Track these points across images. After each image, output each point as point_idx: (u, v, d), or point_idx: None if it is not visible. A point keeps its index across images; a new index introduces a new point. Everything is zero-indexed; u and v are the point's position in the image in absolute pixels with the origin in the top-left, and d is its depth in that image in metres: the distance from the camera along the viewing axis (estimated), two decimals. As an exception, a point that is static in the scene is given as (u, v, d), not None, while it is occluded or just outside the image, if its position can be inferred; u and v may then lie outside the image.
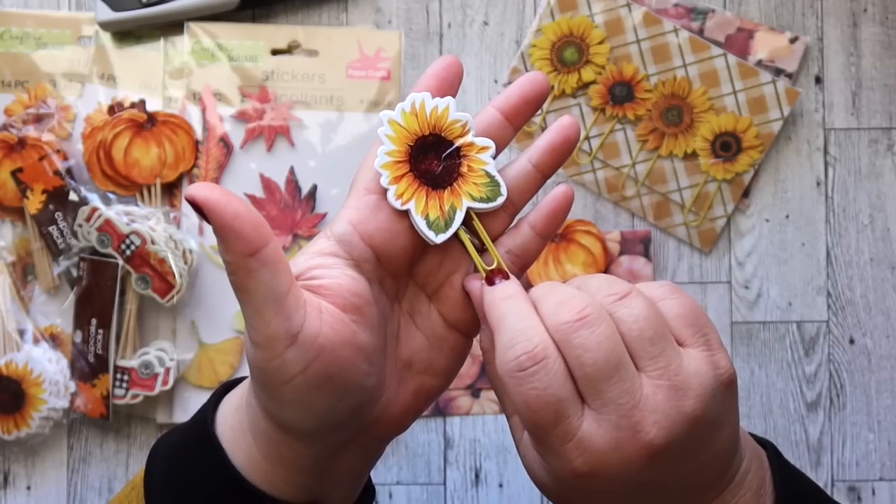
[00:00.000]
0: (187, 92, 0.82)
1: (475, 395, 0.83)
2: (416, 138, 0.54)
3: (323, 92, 0.82)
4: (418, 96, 0.54)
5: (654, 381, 0.51)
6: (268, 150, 0.82)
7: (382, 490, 0.82)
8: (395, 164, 0.53)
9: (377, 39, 0.83)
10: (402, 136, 0.54)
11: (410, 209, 0.53)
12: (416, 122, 0.54)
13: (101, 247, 0.78)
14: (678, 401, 0.50)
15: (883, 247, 0.84)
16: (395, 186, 0.53)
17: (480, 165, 0.54)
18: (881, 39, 0.84)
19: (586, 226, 0.82)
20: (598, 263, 0.82)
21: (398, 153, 0.54)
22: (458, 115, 0.54)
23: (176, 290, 0.78)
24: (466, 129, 0.54)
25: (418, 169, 0.54)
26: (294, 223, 0.82)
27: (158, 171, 0.81)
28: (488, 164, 0.54)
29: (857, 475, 0.83)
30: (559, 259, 0.82)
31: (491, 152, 0.54)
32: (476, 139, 0.54)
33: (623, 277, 0.66)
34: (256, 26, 0.83)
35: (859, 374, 0.84)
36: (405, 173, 0.53)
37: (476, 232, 0.55)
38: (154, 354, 0.79)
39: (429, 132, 0.54)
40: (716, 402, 0.52)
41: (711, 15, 0.83)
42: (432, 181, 0.54)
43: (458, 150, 0.54)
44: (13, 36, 0.82)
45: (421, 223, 0.53)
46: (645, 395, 0.50)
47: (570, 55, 0.83)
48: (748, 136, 0.82)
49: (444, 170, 0.54)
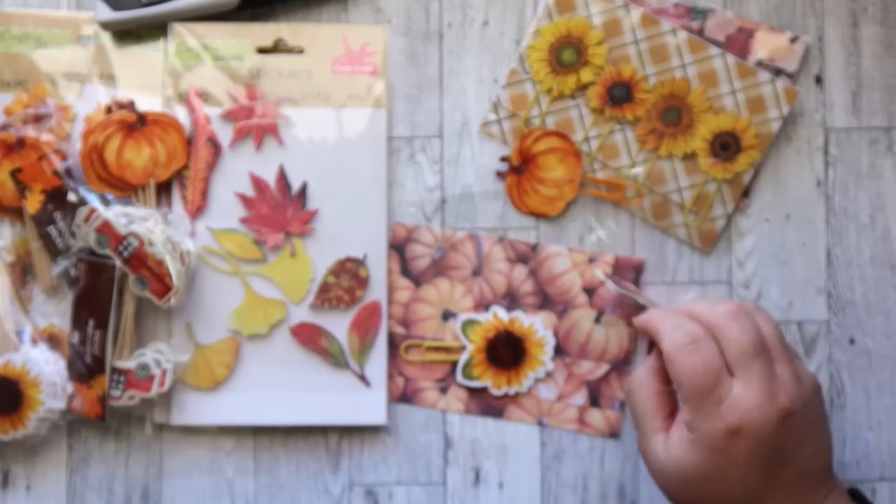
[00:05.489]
0: (174, 93, 0.82)
1: (443, 391, 0.83)
2: None
3: (310, 89, 0.82)
4: None
5: (783, 366, 0.70)
6: (257, 149, 0.82)
7: (382, 490, 0.83)
8: None
9: (362, 34, 0.83)
10: None
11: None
12: None
13: (100, 248, 0.78)
14: (799, 383, 0.70)
15: (883, 247, 0.84)
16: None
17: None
18: (881, 39, 0.84)
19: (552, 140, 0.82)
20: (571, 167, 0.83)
21: None
22: None
23: (173, 291, 0.78)
24: None
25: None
26: (286, 221, 0.82)
27: (152, 171, 0.81)
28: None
29: (857, 475, 0.83)
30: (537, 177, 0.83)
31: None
32: None
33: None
34: (241, 25, 0.83)
35: (859, 374, 0.83)
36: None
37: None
38: (151, 356, 0.79)
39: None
40: (817, 399, 0.72)
41: (711, 15, 0.83)
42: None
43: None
44: (13, 36, 0.82)
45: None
46: (778, 374, 0.69)
47: (569, 56, 0.83)
48: (747, 136, 0.82)
49: None
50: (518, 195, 0.83)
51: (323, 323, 0.82)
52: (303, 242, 0.82)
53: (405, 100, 0.84)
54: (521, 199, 0.83)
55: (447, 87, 0.84)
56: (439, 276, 0.83)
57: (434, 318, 0.83)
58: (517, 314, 0.82)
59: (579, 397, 0.83)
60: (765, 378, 0.68)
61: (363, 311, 0.82)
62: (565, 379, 0.83)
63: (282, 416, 0.81)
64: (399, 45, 0.84)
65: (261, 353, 0.82)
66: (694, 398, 0.69)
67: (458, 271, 0.83)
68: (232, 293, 0.82)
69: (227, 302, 0.81)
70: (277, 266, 0.82)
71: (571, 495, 0.83)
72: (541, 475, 0.83)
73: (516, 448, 0.83)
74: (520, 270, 0.83)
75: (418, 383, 0.83)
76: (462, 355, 0.82)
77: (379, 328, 0.82)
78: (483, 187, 0.84)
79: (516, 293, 0.83)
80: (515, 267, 0.83)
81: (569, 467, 0.83)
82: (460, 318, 0.83)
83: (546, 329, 0.82)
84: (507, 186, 0.83)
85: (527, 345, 0.82)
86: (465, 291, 0.83)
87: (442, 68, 0.84)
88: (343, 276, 0.82)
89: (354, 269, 0.82)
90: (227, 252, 0.81)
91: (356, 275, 0.82)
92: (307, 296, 0.82)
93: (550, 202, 0.83)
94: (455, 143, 0.84)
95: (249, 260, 0.82)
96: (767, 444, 0.68)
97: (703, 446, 0.69)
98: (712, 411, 0.68)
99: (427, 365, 0.83)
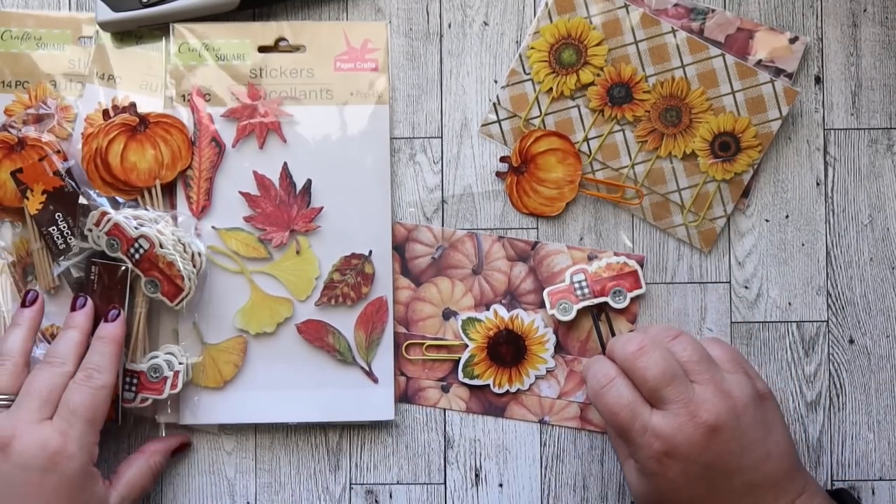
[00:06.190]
0: (176, 93, 0.82)
1: (445, 389, 0.83)
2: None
3: (312, 86, 0.82)
4: None
5: (703, 385, 0.71)
6: (260, 148, 0.82)
7: (383, 490, 0.83)
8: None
9: (363, 31, 0.83)
10: None
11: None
12: None
13: (111, 251, 0.78)
14: (724, 397, 0.70)
15: (883, 247, 0.84)
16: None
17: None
18: (881, 39, 0.84)
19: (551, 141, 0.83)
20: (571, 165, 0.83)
21: None
22: None
23: (185, 293, 0.78)
24: None
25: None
26: (290, 219, 0.82)
27: (157, 173, 0.81)
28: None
29: (857, 475, 0.83)
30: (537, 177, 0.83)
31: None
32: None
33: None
34: (242, 24, 0.83)
35: (859, 374, 0.83)
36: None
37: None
38: (163, 358, 0.79)
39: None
40: (755, 407, 0.72)
41: (711, 15, 0.83)
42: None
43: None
44: (13, 36, 0.83)
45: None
46: (697, 394, 0.70)
47: (569, 57, 0.83)
48: (747, 136, 0.82)
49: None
50: (518, 195, 0.83)
51: (329, 320, 0.82)
52: (308, 240, 0.82)
53: (405, 100, 0.84)
54: (520, 199, 0.83)
55: (447, 87, 0.84)
56: (439, 275, 0.83)
57: (435, 317, 0.83)
58: (518, 312, 0.82)
59: (580, 394, 0.83)
60: (681, 401, 0.70)
61: (369, 308, 0.82)
62: (566, 376, 0.83)
63: (289, 414, 0.81)
64: (399, 45, 0.84)
65: (268, 352, 0.82)
66: (620, 433, 0.73)
67: (459, 270, 0.83)
68: (238, 292, 0.82)
69: (234, 301, 0.82)
70: (283, 264, 0.82)
71: (571, 495, 0.83)
72: (541, 475, 0.83)
73: (516, 448, 0.83)
74: (520, 268, 0.83)
75: (420, 382, 0.83)
76: (463, 354, 0.82)
77: (385, 324, 0.82)
78: (483, 187, 0.84)
79: (516, 291, 0.83)
80: (515, 265, 0.83)
81: (569, 467, 0.83)
82: (461, 316, 0.83)
83: (547, 327, 0.82)
84: (506, 187, 0.83)
85: (528, 342, 0.82)
86: (465, 290, 0.83)
87: (442, 68, 0.84)
88: (349, 272, 0.82)
89: (360, 266, 0.82)
90: (233, 251, 0.82)
91: (362, 271, 0.82)
92: (313, 293, 0.82)
93: (550, 202, 0.83)
94: (455, 143, 0.84)
95: (255, 258, 0.82)
96: (701, 462, 0.70)
97: (645, 473, 0.72)
98: (640, 441, 0.71)
99: (428, 364, 0.83)
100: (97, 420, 0.73)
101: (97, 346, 0.75)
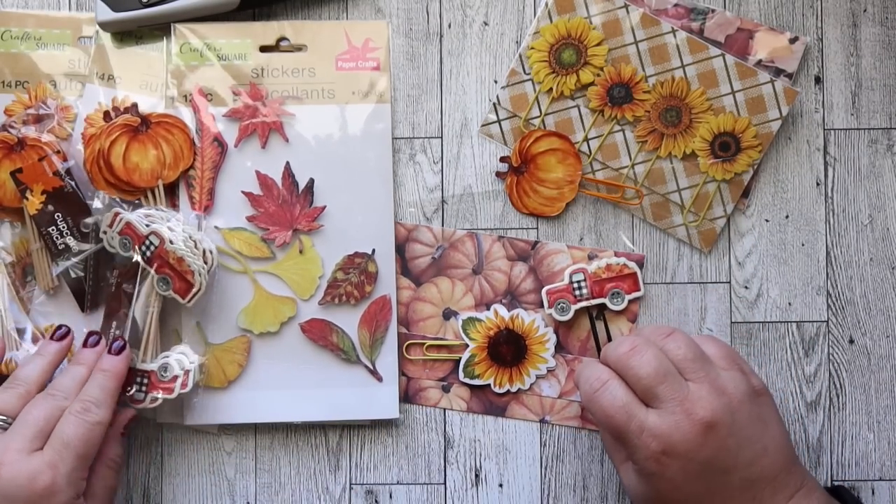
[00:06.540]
0: (178, 93, 0.82)
1: (446, 389, 0.83)
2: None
3: (314, 86, 0.82)
4: None
5: (697, 383, 0.71)
6: (262, 147, 0.82)
7: (382, 490, 0.83)
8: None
9: (364, 30, 0.83)
10: None
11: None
12: None
13: (124, 250, 0.78)
14: (719, 394, 0.70)
15: (883, 247, 0.84)
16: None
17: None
18: (881, 39, 0.84)
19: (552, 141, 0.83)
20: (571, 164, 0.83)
21: None
22: None
23: (196, 289, 0.78)
24: None
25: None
26: (293, 218, 0.82)
27: (159, 173, 0.81)
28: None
29: (857, 475, 0.83)
30: (537, 178, 0.83)
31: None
32: None
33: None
34: (243, 24, 0.83)
35: (859, 374, 0.84)
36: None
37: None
38: (174, 357, 0.79)
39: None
40: (751, 403, 0.72)
41: (711, 15, 0.83)
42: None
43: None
44: (13, 36, 0.82)
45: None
46: (692, 391, 0.70)
47: (569, 57, 0.83)
48: (747, 136, 0.82)
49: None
50: (518, 196, 0.83)
51: (333, 319, 0.82)
52: (311, 239, 0.82)
53: (405, 100, 0.84)
54: (520, 199, 0.83)
55: (447, 88, 0.84)
56: (440, 275, 0.83)
57: (435, 317, 0.83)
58: (518, 312, 0.82)
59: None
60: (676, 399, 0.70)
61: (373, 306, 0.82)
62: (567, 376, 0.83)
63: (293, 414, 0.81)
64: (399, 46, 0.84)
65: (272, 351, 0.82)
66: (616, 434, 0.72)
67: (459, 270, 0.83)
68: (241, 292, 0.82)
69: (237, 300, 0.82)
70: (286, 263, 0.82)
71: (571, 495, 0.83)
72: (541, 475, 0.83)
73: (516, 448, 0.83)
74: (520, 268, 0.83)
75: (420, 382, 0.83)
76: (463, 354, 0.82)
77: (389, 322, 0.82)
78: (483, 188, 0.84)
79: (517, 291, 0.83)
80: (515, 265, 0.83)
81: (569, 467, 0.83)
82: (461, 316, 0.83)
83: (547, 326, 0.82)
84: (506, 187, 0.83)
85: (528, 342, 0.82)
86: (465, 290, 0.83)
87: (442, 68, 0.84)
88: (352, 271, 0.82)
89: (363, 264, 0.82)
90: (236, 251, 0.82)
91: (365, 270, 0.82)
92: (317, 292, 0.82)
93: (550, 203, 0.83)
94: (455, 143, 0.84)
95: (258, 258, 0.82)
96: (699, 459, 0.70)
97: (643, 474, 0.71)
98: (637, 442, 0.70)
99: (429, 364, 0.83)
100: (89, 455, 0.72)
101: (98, 379, 0.75)
